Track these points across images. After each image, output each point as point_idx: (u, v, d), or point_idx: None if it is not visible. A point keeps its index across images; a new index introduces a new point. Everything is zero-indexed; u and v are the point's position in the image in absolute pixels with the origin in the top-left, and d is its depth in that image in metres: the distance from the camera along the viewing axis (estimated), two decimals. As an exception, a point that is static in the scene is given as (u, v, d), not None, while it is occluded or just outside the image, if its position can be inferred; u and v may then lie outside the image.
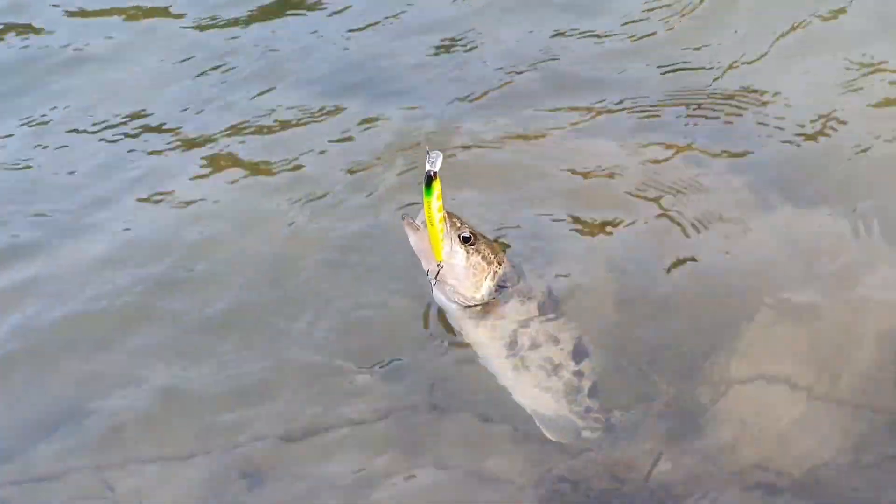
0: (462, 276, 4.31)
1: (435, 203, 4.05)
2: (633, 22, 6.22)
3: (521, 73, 5.98)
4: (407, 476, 4.11)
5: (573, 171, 5.24)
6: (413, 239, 4.25)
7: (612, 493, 3.99)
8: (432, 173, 3.99)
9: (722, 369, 4.29)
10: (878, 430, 4.05)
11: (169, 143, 5.83)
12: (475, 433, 4.22)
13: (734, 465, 4.01)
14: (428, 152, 4.01)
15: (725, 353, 4.33)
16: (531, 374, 4.25)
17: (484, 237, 4.43)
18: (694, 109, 5.53)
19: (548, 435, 4.14)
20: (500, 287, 4.39)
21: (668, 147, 5.34)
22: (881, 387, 4.17)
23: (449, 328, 4.46)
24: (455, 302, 4.37)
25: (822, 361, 4.28)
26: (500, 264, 4.40)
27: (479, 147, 5.47)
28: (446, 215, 4.20)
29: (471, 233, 4.31)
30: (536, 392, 4.24)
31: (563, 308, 4.43)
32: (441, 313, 4.49)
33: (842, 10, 6.01)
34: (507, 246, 4.71)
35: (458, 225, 4.28)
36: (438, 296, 4.40)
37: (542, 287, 4.48)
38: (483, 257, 4.34)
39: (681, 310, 4.53)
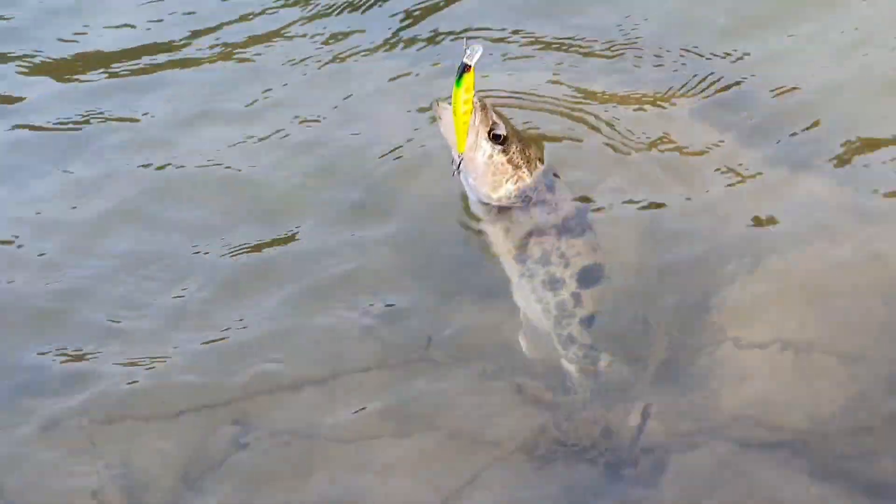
0: (482, 172, 4.32)
1: (464, 95, 4.07)
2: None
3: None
4: (398, 435, 4.08)
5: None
6: (442, 124, 4.26)
7: (604, 451, 3.97)
8: (465, 65, 4.01)
9: (718, 326, 4.23)
10: (874, 388, 4.00)
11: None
12: (468, 392, 4.17)
13: (727, 423, 3.97)
14: (467, 44, 4.04)
15: (723, 308, 4.28)
16: (532, 285, 4.21)
17: (522, 141, 4.39)
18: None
19: (524, 347, 4.16)
20: (524, 194, 4.34)
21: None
22: (877, 342, 4.11)
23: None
24: (475, 195, 4.37)
25: (818, 317, 4.22)
26: (530, 171, 4.36)
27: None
28: (482, 108, 4.21)
29: (507, 132, 4.28)
30: (531, 302, 4.20)
31: (588, 232, 4.34)
32: (466, 203, 4.51)
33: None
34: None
35: (493, 121, 4.26)
36: (464, 182, 4.40)
37: (574, 205, 4.41)
38: (510, 160, 4.32)
39: (690, 265, 4.46)
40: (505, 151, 4.29)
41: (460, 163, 4.27)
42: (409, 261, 4.62)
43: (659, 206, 4.68)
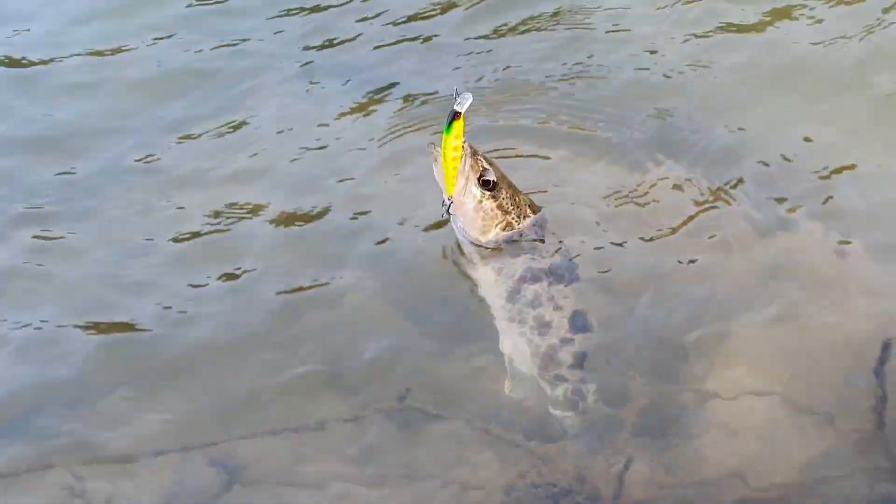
0: (471, 216, 4.38)
1: (454, 141, 4.18)
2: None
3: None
4: (376, 482, 4.07)
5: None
6: (436, 167, 4.33)
7: (582, 497, 3.94)
8: (455, 112, 4.11)
9: (701, 376, 4.24)
10: (850, 444, 4.00)
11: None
12: (448, 438, 4.17)
13: (705, 475, 3.96)
14: (458, 92, 4.12)
15: (707, 359, 4.29)
16: (521, 328, 4.24)
17: (512, 187, 4.44)
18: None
19: (510, 390, 4.20)
20: (513, 239, 4.40)
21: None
22: (854, 398, 4.11)
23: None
24: (465, 238, 4.43)
25: (799, 372, 4.22)
26: (519, 218, 4.43)
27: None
28: (472, 155, 4.29)
29: (496, 178, 4.34)
30: (519, 345, 4.23)
31: (578, 281, 4.38)
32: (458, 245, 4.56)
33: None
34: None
35: (482, 167, 4.32)
36: (454, 224, 4.46)
37: (563, 253, 4.44)
38: (499, 205, 4.39)
39: (678, 310, 4.48)
40: (494, 197, 4.36)
41: (450, 205, 4.33)
42: (390, 306, 4.63)
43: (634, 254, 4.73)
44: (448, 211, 4.34)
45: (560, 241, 4.46)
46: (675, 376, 4.24)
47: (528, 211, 4.46)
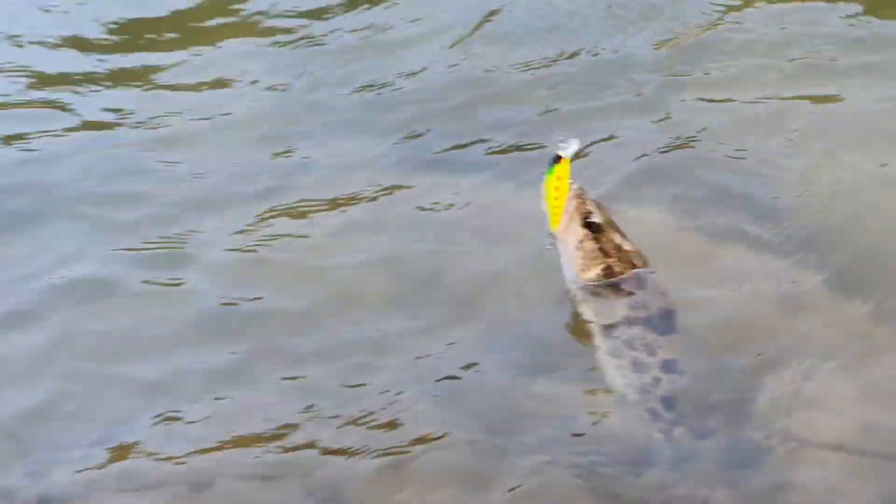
0: (571, 254, 4.57)
1: (556, 182, 4.46)
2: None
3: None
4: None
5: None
6: (541, 202, 4.58)
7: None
8: (557, 156, 4.38)
9: (784, 417, 4.29)
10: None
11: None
12: (536, 469, 4.22)
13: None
14: (563, 138, 4.39)
15: (789, 401, 4.35)
16: (619, 362, 4.40)
17: (620, 234, 4.61)
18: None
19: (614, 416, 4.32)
20: (611, 283, 4.55)
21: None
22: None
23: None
24: (566, 273, 4.63)
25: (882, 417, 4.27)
26: (622, 264, 4.58)
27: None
28: (578, 197, 4.52)
29: (602, 222, 4.54)
30: (616, 378, 4.39)
31: (675, 332, 4.49)
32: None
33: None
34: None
35: (587, 210, 4.53)
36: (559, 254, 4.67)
37: (663, 305, 4.56)
38: (601, 248, 4.54)
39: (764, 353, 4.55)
40: (596, 240, 4.53)
41: (554, 240, 4.59)
42: (489, 333, 4.78)
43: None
44: (552, 244, 4.61)
45: (662, 294, 4.60)
46: (761, 419, 4.31)
47: (634, 260, 4.63)
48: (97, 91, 6.99)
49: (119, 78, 7.11)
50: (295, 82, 6.85)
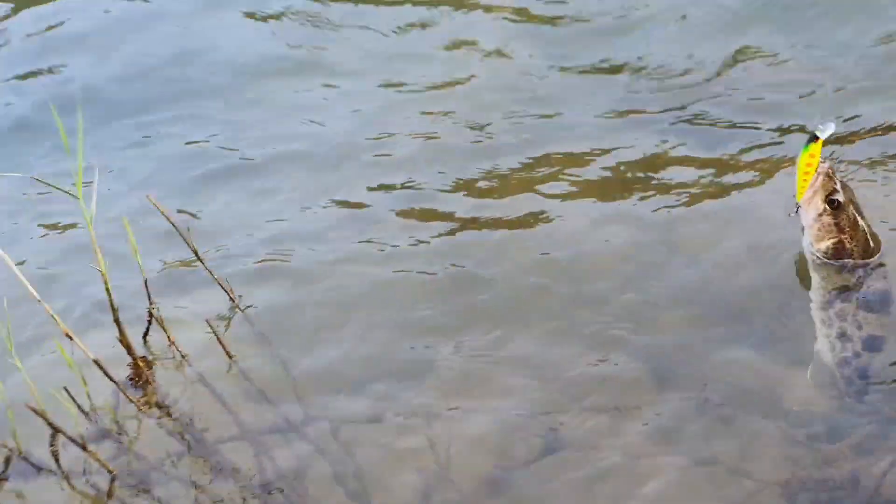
0: (810, 224, 5.14)
1: (809, 158, 4.98)
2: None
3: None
4: (662, 465, 4.70)
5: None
6: (796, 169, 5.13)
7: (848, 493, 4.49)
8: (814, 135, 4.93)
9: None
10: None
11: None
12: (736, 429, 4.78)
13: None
14: (823, 120, 4.98)
15: None
16: (828, 331, 4.98)
17: (861, 216, 5.10)
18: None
19: (810, 376, 4.89)
20: (840, 257, 5.11)
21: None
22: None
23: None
24: (804, 241, 5.20)
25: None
26: (853, 240, 5.10)
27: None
28: (828, 174, 5.03)
29: (844, 201, 5.04)
30: (824, 345, 4.95)
31: (887, 314, 5.01)
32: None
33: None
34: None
35: (833, 188, 5.05)
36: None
37: (883, 286, 5.09)
38: (836, 224, 5.09)
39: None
40: (835, 216, 5.08)
41: (798, 208, 5.14)
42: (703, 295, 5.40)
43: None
44: (795, 212, 5.17)
45: (884, 277, 5.11)
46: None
47: (866, 242, 5.13)
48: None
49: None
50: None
